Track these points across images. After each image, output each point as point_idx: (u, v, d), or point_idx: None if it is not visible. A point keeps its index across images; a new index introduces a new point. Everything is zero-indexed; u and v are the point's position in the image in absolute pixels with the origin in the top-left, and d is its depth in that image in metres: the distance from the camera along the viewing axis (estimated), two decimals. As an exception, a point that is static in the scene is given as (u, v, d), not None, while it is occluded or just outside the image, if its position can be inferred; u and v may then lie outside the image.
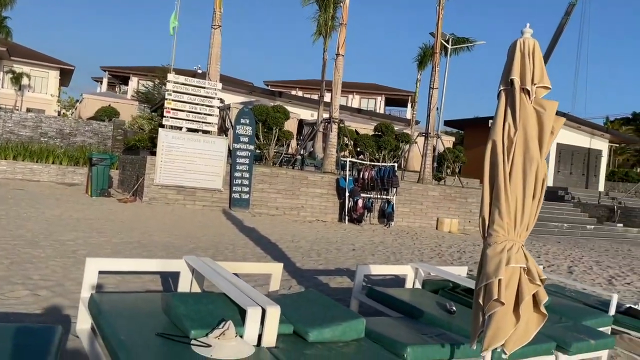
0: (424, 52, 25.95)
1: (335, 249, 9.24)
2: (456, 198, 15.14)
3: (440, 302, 4.79)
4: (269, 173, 13.10)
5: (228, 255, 7.42)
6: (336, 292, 5.98)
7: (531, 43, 3.24)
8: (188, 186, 12.12)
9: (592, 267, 10.87)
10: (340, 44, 15.00)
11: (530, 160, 3.15)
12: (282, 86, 43.28)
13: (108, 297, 3.62)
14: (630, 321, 5.29)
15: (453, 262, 9.30)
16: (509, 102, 3.24)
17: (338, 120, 15.34)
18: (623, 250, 15.21)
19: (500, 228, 3.18)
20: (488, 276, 3.13)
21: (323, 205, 13.48)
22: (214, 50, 13.19)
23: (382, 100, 47.24)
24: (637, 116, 56.11)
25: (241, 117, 12.93)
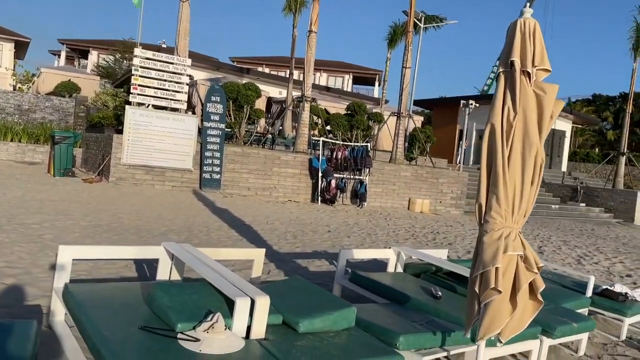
0: (395, 30, 25.81)
1: (310, 230, 9.12)
2: (427, 179, 15.20)
3: (425, 287, 4.74)
4: (241, 153, 12.82)
5: (202, 239, 7.20)
6: (316, 277, 5.88)
7: (532, 23, 3.12)
8: (157, 166, 11.74)
9: (561, 247, 11.12)
10: (312, 21, 14.68)
11: (530, 145, 3.07)
12: (248, 62, 42.44)
13: (84, 287, 3.40)
14: (606, 302, 5.37)
15: (428, 244, 9.33)
16: (509, 85, 3.13)
17: (310, 99, 15.10)
18: (587, 230, 15.65)
19: (497, 215, 3.09)
20: (485, 264, 3.05)
21: (295, 186, 13.31)
22: (182, 25, 12.69)
23: (349, 78, 46.93)
24: (597, 98, 57.71)
25: (212, 94, 12.55)
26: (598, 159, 34.69)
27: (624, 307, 5.20)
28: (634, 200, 20.33)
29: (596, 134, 52.87)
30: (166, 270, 4.10)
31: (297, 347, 2.96)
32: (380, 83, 42.96)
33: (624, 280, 8.27)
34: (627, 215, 20.35)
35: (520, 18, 3.15)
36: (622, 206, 20.76)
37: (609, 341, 5.02)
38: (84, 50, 42.34)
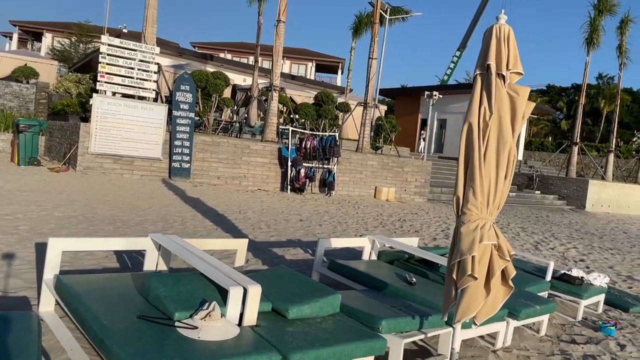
0: (360, 20, 26.03)
1: (283, 219, 9.29)
2: (393, 167, 15.57)
3: (399, 274, 5.00)
4: (210, 142, 12.81)
5: (178, 229, 7.27)
6: (294, 265, 6.07)
7: (506, 29, 3.37)
8: (125, 155, 11.62)
9: (519, 234, 11.67)
10: (281, 10, 14.70)
11: (504, 143, 3.33)
12: (211, 48, 41.90)
13: (77, 278, 3.48)
14: (564, 286, 5.79)
15: (396, 231, 9.65)
16: (485, 87, 3.38)
17: (279, 88, 15.17)
18: (542, 217, 16.39)
19: (474, 207, 3.35)
20: (462, 253, 3.31)
21: (265, 175, 13.41)
22: (149, 12, 12.50)
23: (312, 66, 46.98)
24: (551, 88, 59.70)
25: (181, 83, 12.46)
26: (552, 148, 36.05)
27: (580, 290, 5.61)
28: (585, 188, 21.33)
29: (550, 123, 54.73)
30: (153, 261, 4.20)
31: (287, 333, 3.14)
32: (344, 71, 43.21)
33: (578, 264, 8.81)
34: (579, 202, 21.35)
35: (496, 24, 3.39)
36: (574, 193, 21.76)
37: (567, 322, 5.41)
38: (38, 33, 40.81)
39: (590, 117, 52.23)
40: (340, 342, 3.10)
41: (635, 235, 14.96)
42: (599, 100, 49.63)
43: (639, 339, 5.09)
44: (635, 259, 10.24)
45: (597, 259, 9.71)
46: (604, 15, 22.89)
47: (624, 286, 7.51)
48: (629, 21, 23.91)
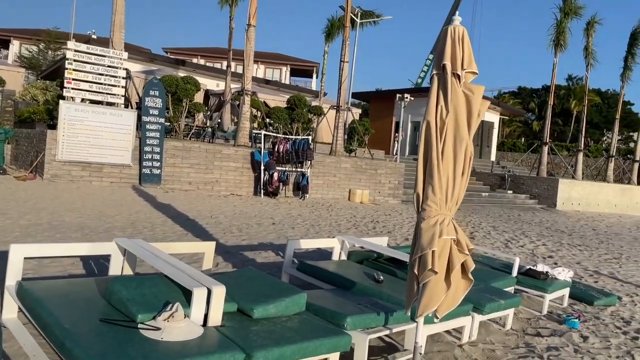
0: (332, 24, 26.17)
1: (255, 223, 9.28)
2: (367, 170, 15.68)
3: (368, 272, 5.06)
4: (181, 147, 12.73)
5: (147, 235, 7.21)
6: (264, 267, 6.08)
7: (460, 30, 3.46)
8: (94, 162, 11.46)
9: (490, 232, 11.87)
10: (251, 14, 14.71)
11: (460, 141, 3.41)
12: (183, 54, 41.55)
13: (39, 284, 3.44)
14: (530, 281, 5.92)
15: (369, 232, 9.72)
16: (441, 86, 3.46)
17: (251, 92, 15.16)
18: (514, 216, 16.70)
19: (433, 203, 3.43)
20: (423, 248, 3.38)
21: (238, 179, 13.38)
22: (117, 17, 12.38)
23: (287, 70, 46.97)
24: (522, 90, 60.92)
25: (151, 88, 12.36)
26: (524, 148, 36.76)
27: (545, 285, 5.75)
28: (555, 187, 21.79)
29: (522, 124, 55.79)
30: (118, 265, 4.17)
31: (252, 332, 3.16)
32: (318, 75, 43.37)
33: (546, 260, 9.01)
34: (549, 201, 21.80)
35: (451, 25, 3.48)
36: (545, 192, 22.21)
37: (533, 316, 5.54)
38: (5, 40, 39.97)
39: (561, 118, 53.43)
40: (304, 339, 3.14)
41: (604, 232, 15.35)
42: (569, 100, 50.78)
43: (601, 330, 5.24)
44: (602, 255, 10.51)
45: (565, 255, 9.94)
46: (569, 18, 23.47)
47: (590, 281, 7.71)
48: (595, 23, 24.56)
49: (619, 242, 13.03)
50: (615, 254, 10.90)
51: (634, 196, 23.92)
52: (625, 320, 5.66)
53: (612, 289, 7.24)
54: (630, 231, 16.51)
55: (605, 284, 7.57)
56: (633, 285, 7.64)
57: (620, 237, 14.52)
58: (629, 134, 51.35)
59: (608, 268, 8.96)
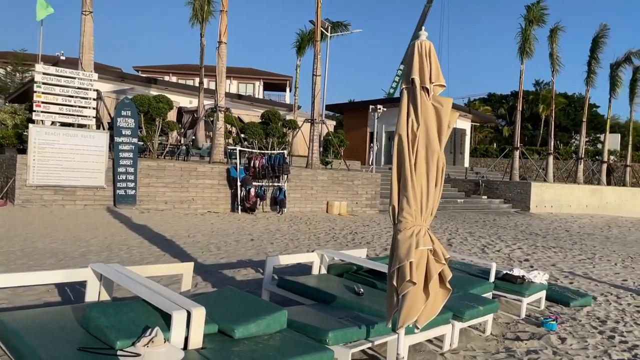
0: (302, 38, 26.38)
1: (233, 240, 9.23)
2: (343, 181, 15.76)
3: (348, 285, 5.08)
4: (156, 166, 12.61)
5: (124, 257, 7.10)
6: (243, 285, 6.05)
7: (427, 45, 3.54)
8: (67, 185, 11.27)
9: (467, 238, 12.02)
10: (222, 32, 14.74)
11: (432, 152, 3.48)
12: (154, 72, 41.35)
13: (14, 315, 3.36)
14: (507, 285, 6.01)
15: (348, 244, 9.75)
16: (411, 100, 3.53)
17: (224, 109, 15.14)
18: (490, 220, 16.95)
19: (408, 215, 3.47)
20: (400, 259, 3.42)
21: (214, 197, 13.30)
22: (85, 38, 12.27)
23: (260, 85, 47.07)
24: (492, 96, 62.11)
25: (122, 109, 12.25)
26: (496, 153, 37.41)
27: (522, 289, 5.85)
28: (528, 190, 22.21)
29: (493, 130, 56.81)
30: (95, 291, 4.10)
31: (234, 353, 3.15)
32: (292, 89, 43.56)
33: (522, 264, 9.16)
34: (523, 204, 22.20)
35: (417, 40, 3.55)
36: (518, 196, 22.61)
37: (511, 320, 5.62)
38: (-30, 63, 39.17)
39: (531, 122, 54.61)
40: (287, 357, 3.13)
41: (577, 232, 15.68)
42: (537, 105, 51.93)
43: (579, 331, 5.34)
44: (576, 255, 10.73)
45: (540, 257, 10.12)
46: (534, 25, 24.11)
47: (565, 282, 7.85)
48: (558, 30, 25.30)
49: (592, 242, 13.33)
50: (589, 254, 11.14)
51: (603, 196, 24.53)
52: (601, 320, 5.78)
53: (587, 289, 7.39)
54: (602, 231, 16.91)
55: (580, 284, 7.73)
56: (607, 285, 7.82)
57: (593, 237, 14.85)
58: (596, 136, 52.69)
59: (582, 268, 9.15)
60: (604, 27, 26.73)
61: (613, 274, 8.89)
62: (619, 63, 27.84)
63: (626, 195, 25.41)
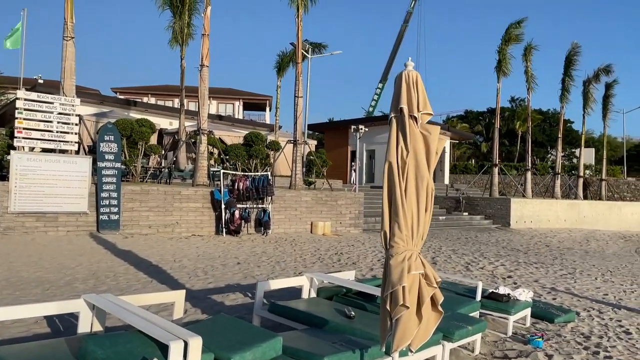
0: (282, 59, 26.66)
1: (220, 264, 9.21)
2: (327, 201, 15.84)
3: (338, 309, 5.13)
4: (139, 190, 12.54)
5: (111, 285, 7.05)
6: (234, 310, 6.05)
7: (414, 75, 3.68)
8: (49, 211, 11.14)
9: (451, 256, 12.16)
10: (204, 55, 14.84)
11: (421, 179, 3.59)
12: (133, 93, 41.25)
13: (6, 350, 3.34)
14: (493, 304, 6.12)
15: (334, 265, 9.80)
16: (400, 128, 3.65)
17: (207, 131, 15.17)
18: (471, 237, 17.16)
19: (400, 240, 3.57)
20: (393, 284, 3.50)
21: (199, 220, 13.25)
22: (67, 64, 12.24)
23: (240, 105, 47.21)
24: (469, 113, 63.20)
25: (105, 133, 12.20)
26: (475, 170, 37.96)
27: (508, 307, 5.96)
28: (508, 206, 22.56)
29: (472, 146, 57.68)
30: (87, 322, 4.08)
31: (232, 382, 3.17)
32: (272, 108, 43.77)
33: (506, 281, 9.31)
34: (503, 220, 22.52)
35: (404, 70, 3.69)
36: (499, 212, 22.95)
37: (499, 338, 5.72)
38: (-55, 88, 38.52)
39: (508, 138, 55.61)
40: (284, 384, 3.17)
41: (557, 247, 15.97)
42: (514, 121, 52.95)
43: (564, 347, 5.46)
44: (557, 271, 10.94)
45: (523, 274, 10.29)
46: (510, 45, 24.75)
47: (548, 298, 8.00)
48: (532, 48, 25.99)
49: (572, 257, 13.59)
50: (570, 268, 11.36)
51: (581, 211, 25.03)
52: (585, 336, 5.92)
53: (570, 304, 7.55)
54: (580, 245, 17.25)
55: (563, 300, 7.88)
56: (589, 300, 7.99)
57: (572, 251, 15.15)
58: (572, 150, 53.81)
59: (564, 284, 9.33)
60: (576, 46, 27.60)
61: (594, 288, 9.09)
62: (590, 80, 28.69)
63: (602, 209, 25.97)
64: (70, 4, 12.32)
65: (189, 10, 20.57)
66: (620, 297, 8.39)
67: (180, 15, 20.49)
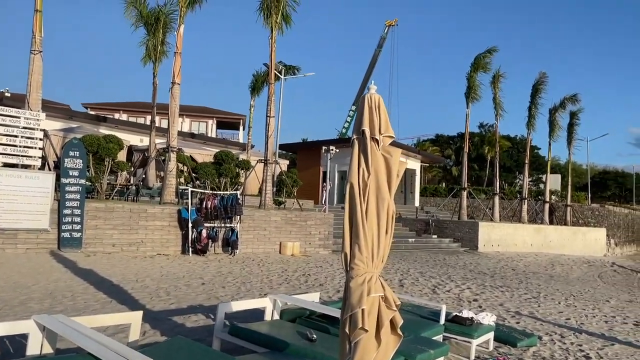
0: (257, 79, 26.75)
1: (184, 284, 9.02)
2: (297, 222, 15.76)
3: (301, 331, 5.06)
4: (104, 208, 12.26)
5: (68, 305, 6.81)
6: (194, 333, 5.90)
7: (376, 98, 3.71)
8: (8, 228, 10.77)
9: (418, 279, 12.19)
10: (175, 73, 14.77)
11: (382, 201, 3.59)
12: (104, 109, 40.74)
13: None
14: (456, 327, 6.13)
15: (301, 286, 9.71)
16: (362, 149, 3.65)
17: (176, 149, 15.01)
18: (440, 260, 17.27)
19: (360, 262, 3.54)
20: (352, 307, 3.46)
21: (165, 238, 12.99)
22: (34, 77, 12.01)
23: (213, 123, 47.07)
24: (440, 137, 64.33)
25: (70, 149, 11.93)
26: (445, 193, 38.47)
27: (471, 330, 5.98)
28: (476, 230, 22.85)
29: (442, 170, 58.57)
30: (37, 344, 3.92)
31: (185, 407, 3.07)
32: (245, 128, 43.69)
33: (472, 304, 9.36)
34: (471, 243, 22.78)
35: (367, 93, 3.72)
36: (467, 235, 23.21)
37: (461, 362, 5.72)
38: None
39: (477, 163, 56.69)
40: (238, 410, 3.08)
41: (523, 271, 16.19)
42: (482, 146, 54.07)
43: (525, 371, 5.49)
44: (522, 295, 11.06)
45: (488, 297, 10.37)
46: (478, 72, 25.39)
47: (512, 322, 8.07)
48: (500, 76, 26.71)
49: (537, 281, 13.79)
50: (534, 292, 11.51)
51: (547, 235, 25.53)
52: (546, 360, 5.97)
53: (533, 328, 7.62)
54: (546, 269, 17.54)
55: (527, 324, 7.96)
56: (551, 324, 8.09)
57: (538, 275, 15.38)
58: (539, 176, 55.10)
59: (528, 308, 9.44)
60: (543, 75, 28.50)
61: (557, 312, 9.21)
62: (556, 108, 29.59)
63: (567, 234, 26.55)
64: (39, 17, 12.16)
65: (164, 28, 20.50)
66: (582, 322, 8.52)
67: (154, 32, 20.41)
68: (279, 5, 16.63)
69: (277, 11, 16.63)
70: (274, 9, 16.58)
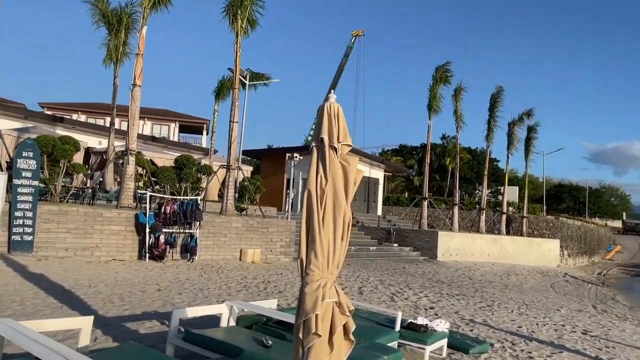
0: (222, 84, 26.54)
1: (139, 290, 8.83)
2: (258, 228, 15.67)
3: (256, 338, 5.04)
4: (57, 211, 11.89)
5: (17, 310, 6.57)
6: (148, 339, 5.79)
7: (335, 107, 3.76)
8: (-46, 229, 10.33)
9: (377, 287, 12.30)
10: (137, 75, 14.52)
11: (339, 208, 3.63)
12: (61, 109, 39.59)
13: None
14: (411, 334, 6.23)
15: (260, 294, 9.65)
16: (320, 157, 3.69)
17: (135, 152, 14.72)
18: (400, 268, 17.48)
19: (315, 268, 3.57)
20: (307, 312, 3.48)
21: (120, 243, 12.69)
22: (-13, 73, 11.60)
23: (176, 127, 46.38)
24: (403, 147, 65.30)
25: (24, 150, 11.54)
26: (407, 202, 38.96)
27: (425, 337, 6.08)
28: (435, 239, 23.25)
29: (405, 179, 59.36)
30: (-21, 350, 3.78)
31: (133, 414, 3.02)
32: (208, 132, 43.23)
33: (428, 312, 9.51)
34: (431, 252, 23.15)
35: (327, 102, 3.77)
36: (427, 244, 23.58)
37: (415, 368, 5.80)
38: None
39: (439, 173, 57.76)
40: (188, 417, 3.05)
41: (479, 280, 16.56)
42: (444, 158, 55.10)
43: (477, 377, 5.61)
44: (477, 303, 11.32)
45: (445, 305, 10.57)
46: (439, 84, 25.97)
47: (466, 329, 8.24)
48: (461, 90, 27.36)
49: (492, 290, 14.13)
50: (489, 301, 11.79)
51: (503, 245, 26.19)
52: (497, 366, 6.12)
53: (486, 336, 7.80)
54: (501, 279, 17.99)
55: (480, 331, 8.14)
56: (503, 332, 8.30)
57: (493, 284, 15.76)
58: (497, 188, 56.47)
59: (482, 316, 9.66)
60: (500, 89, 29.38)
61: (510, 320, 9.46)
62: (515, 122, 30.52)
63: (523, 245, 27.29)
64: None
65: (126, 29, 20.16)
66: (533, 330, 8.77)
67: (116, 33, 20.04)
68: (245, 12, 16.59)
69: (242, 16, 16.59)
70: (240, 14, 16.53)
